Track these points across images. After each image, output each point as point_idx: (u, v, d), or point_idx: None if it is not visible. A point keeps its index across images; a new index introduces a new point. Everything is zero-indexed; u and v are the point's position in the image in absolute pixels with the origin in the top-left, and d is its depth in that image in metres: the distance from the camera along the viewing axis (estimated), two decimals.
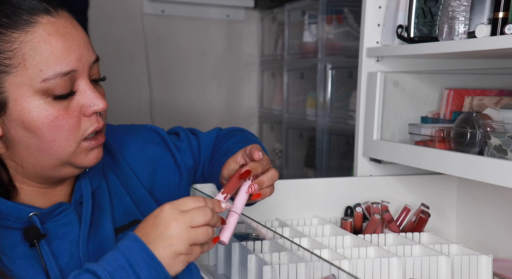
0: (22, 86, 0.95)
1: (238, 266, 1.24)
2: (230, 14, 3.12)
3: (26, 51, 0.95)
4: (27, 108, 0.96)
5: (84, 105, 1.01)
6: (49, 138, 0.98)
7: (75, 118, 0.99)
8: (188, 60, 3.06)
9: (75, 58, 0.98)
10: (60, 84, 0.96)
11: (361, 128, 1.61)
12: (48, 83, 0.96)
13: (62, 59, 0.97)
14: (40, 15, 0.97)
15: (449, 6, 1.31)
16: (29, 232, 0.99)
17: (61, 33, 0.98)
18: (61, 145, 0.99)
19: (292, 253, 1.15)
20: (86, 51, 1.01)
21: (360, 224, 1.45)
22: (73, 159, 1.01)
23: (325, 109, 2.62)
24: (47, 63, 0.95)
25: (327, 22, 2.60)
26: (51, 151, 0.99)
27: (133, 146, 1.23)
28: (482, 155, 1.26)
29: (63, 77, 0.97)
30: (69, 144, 1.00)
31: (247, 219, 1.33)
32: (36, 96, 0.96)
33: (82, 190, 1.08)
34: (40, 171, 1.02)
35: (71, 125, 0.99)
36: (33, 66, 0.95)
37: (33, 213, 1.00)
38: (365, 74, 1.59)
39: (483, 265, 1.24)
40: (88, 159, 1.03)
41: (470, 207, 1.62)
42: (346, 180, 1.60)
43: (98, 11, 2.77)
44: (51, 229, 1.03)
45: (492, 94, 1.55)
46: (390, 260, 1.20)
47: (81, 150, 1.02)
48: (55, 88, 0.96)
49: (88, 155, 1.03)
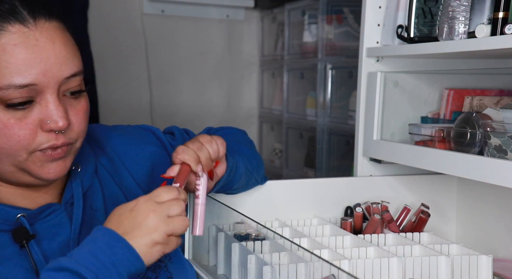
0: None
1: (238, 266, 1.23)
2: (230, 14, 3.12)
3: None
4: None
5: (42, 120, 0.96)
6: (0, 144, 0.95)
7: (28, 130, 0.95)
8: (188, 60, 3.07)
9: (38, 72, 0.94)
10: (14, 95, 0.93)
11: (361, 128, 1.61)
12: (1, 92, 0.92)
13: (21, 71, 0.92)
14: (11, 23, 0.93)
15: (449, 6, 1.31)
16: (18, 233, 0.98)
17: (28, 45, 0.93)
18: (10, 153, 0.96)
19: (292, 253, 1.15)
20: (56, 66, 0.95)
21: (360, 224, 1.45)
22: (27, 166, 0.98)
23: (325, 109, 2.62)
24: (2, 73, 0.92)
25: (327, 22, 2.60)
26: (3, 157, 0.96)
27: (129, 147, 1.22)
28: (482, 155, 1.26)
29: (18, 89, 0.93)
30: (19, 154, 0.96)
31: (247, 219, 1.33)
32: None
33: (73, 191, 1.07)
34: (3, 175, 1.00)
35: (21, 136, 0.95)
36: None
37: (21, 214, 0.99)
38: (365, 74, 1.59)
39: (483, 265, 1.24)
40: (44, 172, 0.99)
41: (470, 207, 1.62)
42: (346, 180, 1.59)
43: (98, 11, 2.77)
44: (41, 230, 1.02)
45: (492, 94, 1.55)
46: (390, 260, 1.20)
47: (34, 160, 0.97)
48: (8, 97, 0.92)
49: (44, 167, 0.99)
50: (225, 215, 1.36)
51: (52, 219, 1.04)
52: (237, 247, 1.24)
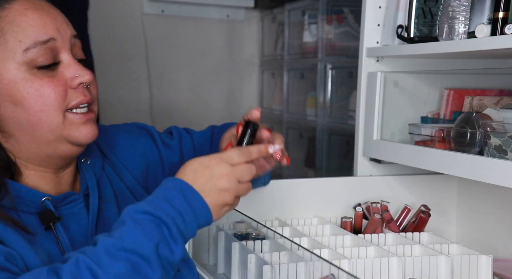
0: (5, 60, 0.99)
1: (238, 265, 1.24)
2: (230, 14, 3.12)
3: (3, 25, 1.00)
4: (13, 81, 0.99)
5: (69, 77, 1.03)
6: (36, 108, 1.00)
7: (61, 87, 1.02)
8: (188, 60, 3.06)
9: (53, 28, 1.02)
10: (41, 53, 1.00)
11: (361, 128, 1.61)
12: (30, 53, 0.99)
13: (39, 28, 1.01)
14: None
15: (449, 6, 1.31)
16: (45, 215, 1.02)
17: (37, 8, 1.03)
18: (50, 115, 1.01)
19: (292, 253, 1.15)
20: (64, 25, 1.05)
21: (360, 224, 1.45)
22: (66, 132, 1.03)
23: (325, 109, 2.62)
24: (25, 33, 1.00)
25: (327, 22, 2.60)
26: (41, 123, 1.01)
27: (125, 145, 1.26)
28: (482, 155, 1.26)
29: (42, 45, 1.00)
30: (57, 114, 1.01)
31: (247, 218, 1.33)
32: (20, 68, 0.99)
33: (88, 182, 1.11)
34: (37, 150, 1.04)
35: (58, 93, 1.01)
36: (12, 38, 0.99)
37: (46, 197, 1.03)
38: (365, 74, 1.59)
39: (483, 265, 1.24)
40: (81, 134, 1.04)
41: (470, 207, 1.62)
42: (346, 180, 1.60)
43: (98, 11, 2.76)
44: (64, 215, 1.05)
45: (492, 94, 1.55)
46: (390, 260, 1.20)
47: (70, 123, 1.03)
48: (36, 57, 1.00)
49: (80, 129, 1.04)
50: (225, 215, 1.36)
51: (72, 207, 1.08)
52: (237, 246, 1.24)
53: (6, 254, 0.92)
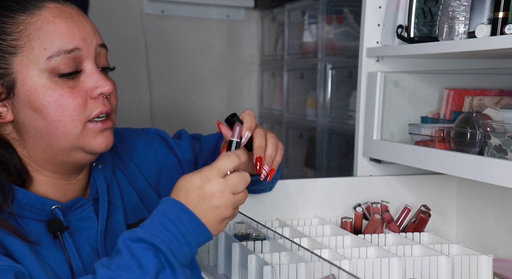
0: (29, 66, 0.99)
1: (238, 266, 1.24)
2: (230, 14, 3.12)
3: (31, 31, 1.00)
4: (34, 88, 0.99)
5: (90, 87, 1.03)
6: (55, 117, 1.00)
7: (81, 98, 1.02)
8: (188, 60, 3.06)
9: (79, 37, 1.02)
10: (64, 61, 1.00)
11: (361, 128, 1.61)
12: (53, 61, 0.99)
13: (65, 37, 1.01)
14: (47, 1, 1.02)
15: (449, 6, 1.31)
16: (53, 224, 1.02)
17: (66, 16, 1.03)
18: (67, 125, 1.01)
19: (293, 253, 1.15)
20: (91, 34, 1.05)
21: (360, 224, 1.45)
22: (82, 141, 1.03)
23: (325, 109, 2.62)
24: (50, 41, 1.00)
25: (327, 22, 2.60)
26: (58, 132, 1.01)
27: (138, 148, 1.27)
28: (482, 155, 1.26)
29: (66, 54, 1.00)
30: (75, 125, 1.02)
31: (247, 219, 1.33)
32: (42, 76, 0.99)
33: (98, 186, 1.11)
34: (52, 157, 1.04)
35: (77, 104, 1.01)
36: (38, 45, 0.99)
37: (56, 206, 1.03)
38: (365, 74, 1.59)
39: (483, 265, 1.24)
40: (97, 143, 1.05)
41: (470, 207, 1.62)
42: (346, 180, 1.60)
43: (98, 11, 2.76)
44: (71, 222, 1.06)
45: (492, 94, 1.55)
46: (390, 260, 1.20)
47: (88, 132, 1.03)
48: (59, 65, 1.00)
49: (97, 138, 1.04)
50: None
51: (81, 212, 1.07)
52: (237, 247, 1.24)
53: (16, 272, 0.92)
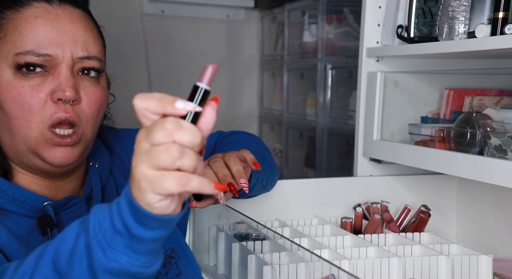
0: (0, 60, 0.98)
1: (238, 266, 1.24)
2: (230, 14, 3.12)
3: (9, 27, 0.99)
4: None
5: (52, 89, 0.98)
6: (12, 114, 0.98)
7: (39, 99, 0.97)
8: (188, 60, 3.06)
9: (54, 44, 0.98)
10: (31, 59, 0.97)
11: (361, 128, 1.61)
12: (19, 57, 0.97)
13: (39, 41, 0.98)
14: (38, 1, 1.00)
15: (449, 6, 1.31)
16: (43, 221, 1.00)
17: (48, 19, 0.99)
18: (23, 125, 0.97)
19: (292, 253, 1.15)
20: (72, 44, 1.00)
21: (360, 224, 1.45)
22: (38, 148, 0.99)
23: (325, 109, 2.62)
24: (23, 40, 0.98)
25: (327, 22, 2.60)
26: (15, 131, 0.98)
27: None
28: (482, 155, 1.26)
29: (35, 56, 0.97)
30: (30, 126, 0.98)
31: (247, 219, 1.33)
32: (8, 70, 0.98)
33: (92, 185, 1.09)
34: (18, 156, 1.02)
35: (32, 104, 0.97)
36: (11, 41, 0.98)
37: (47, 203, 1.01)
38: (365, 74, 1.59)
39: (483, 265, 1.24)
40: (50, 155, 0.99)
41: (470, 207, 1.62)
42: (346, 180, 1.60)
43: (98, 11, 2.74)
44: (64, 220, 1.04)
45: (492, 94, 1.55)
46: (390, 260, 1.20)
47: (45, 140, 0.98)
48: (24, 61, 0.97)
49: (51, 150, 0.98)
50: (225, 215, 1.37)
51: (74, 211, 1.05)
52: (237, 247, 1.24)
53: None
